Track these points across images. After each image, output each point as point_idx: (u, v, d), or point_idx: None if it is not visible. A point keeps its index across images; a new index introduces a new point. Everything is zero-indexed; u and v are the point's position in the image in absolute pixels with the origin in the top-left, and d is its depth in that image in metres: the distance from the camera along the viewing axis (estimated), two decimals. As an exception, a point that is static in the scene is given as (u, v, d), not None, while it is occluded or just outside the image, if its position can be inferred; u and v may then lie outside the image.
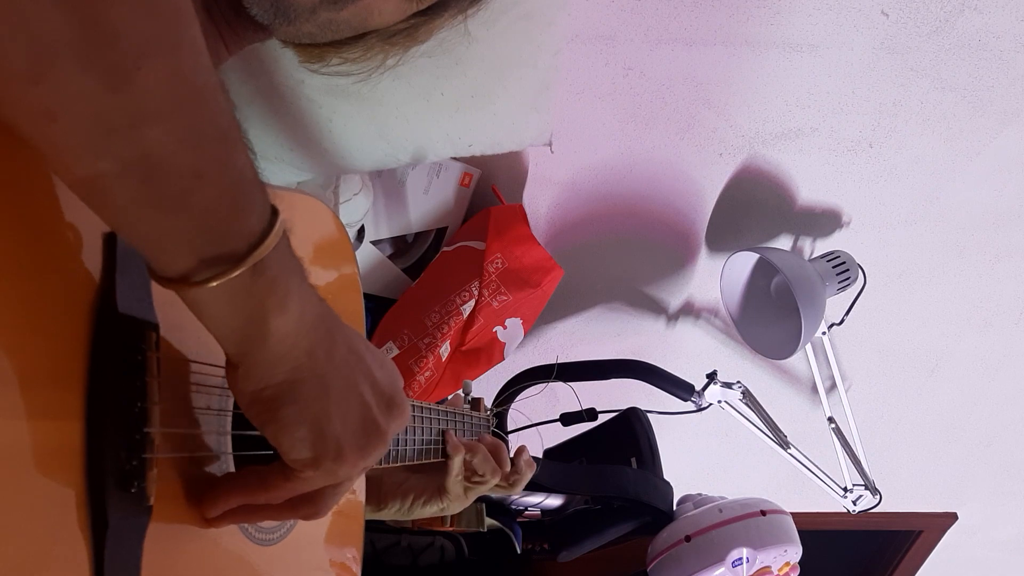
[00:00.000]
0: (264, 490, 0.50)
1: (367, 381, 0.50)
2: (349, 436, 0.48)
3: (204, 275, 0.39)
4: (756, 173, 1.56)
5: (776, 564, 1.27)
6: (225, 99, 0.38)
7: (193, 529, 0.50)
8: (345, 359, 0.49)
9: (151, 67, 0.33)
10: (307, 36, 0.74)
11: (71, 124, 0.33)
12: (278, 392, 0.45)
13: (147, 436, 0.44)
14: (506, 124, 1.20)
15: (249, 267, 0.40)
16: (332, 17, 0.69)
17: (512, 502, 1.30)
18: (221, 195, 0.38)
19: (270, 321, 0.43)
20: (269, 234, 0.41)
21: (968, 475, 2.21)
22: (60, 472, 0.39)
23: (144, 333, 0.45)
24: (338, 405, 0.48)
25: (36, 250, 0.39)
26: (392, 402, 0.52)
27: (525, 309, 1.41)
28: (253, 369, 0.45)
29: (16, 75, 0.31)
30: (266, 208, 0.41)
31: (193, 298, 0.41)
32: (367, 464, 0.51)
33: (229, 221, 0.39)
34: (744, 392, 1.39)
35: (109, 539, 0.41)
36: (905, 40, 1.41)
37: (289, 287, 0.43)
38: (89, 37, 0.32)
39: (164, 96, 0.34)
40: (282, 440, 0.47)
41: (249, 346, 0.44)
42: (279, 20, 0.67)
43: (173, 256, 0.39)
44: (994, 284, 1.79)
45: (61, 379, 0.40)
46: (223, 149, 0.38)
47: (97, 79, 0.32)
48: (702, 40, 1.37)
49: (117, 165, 0.35)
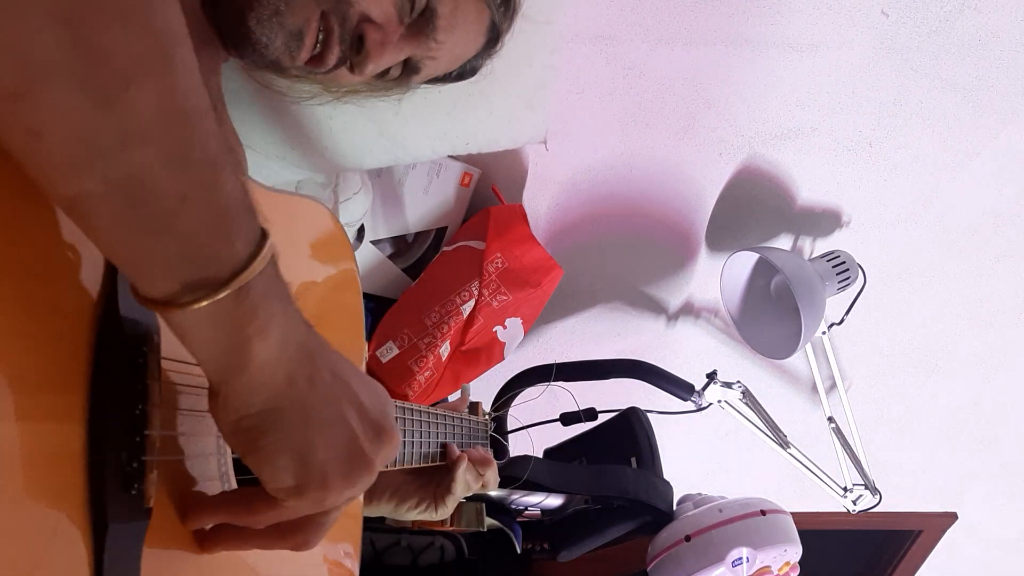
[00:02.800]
0: (249, 514, 0.49)
1: (353, 407, 0.49)
2: (334, 464, 0.47)
3: (186, 298, 0.39)
4: (756, 173, 1.56)
5: (776, 564, 1.26)
6: (215, 123, 0.38)
7: (192, 534, 0.50)
8: (329, 385, 0.48)
9: (140, 88, 0.33)
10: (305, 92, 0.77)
11: (56, 142, 0.33)
12: (257, 421, 0.45)
13: (148, 439, 0.44)
14: (503, 122, 1.20)
15: (232, 291, 0.39)
16: (312, 79, 0.74)
17: (512, 502, 1.30)
18: (206, 219, 0.38)
19: (251, 347, 0.42)
20: (255, 259, 0.40)
21: (968, 475, 2.21)
22: (61, 474, 0.39)
23: (146, 337, 0.45)
24: (322, 432, 0.47)
25: (39, 255, 0.39)
26: (380, 428, 0.50)
27: (525, 309, 1.41)
28: (231, 397, 0.44)
29: (2, 91, 0.31)
30: (254, 233, 0.41)
31: (176, 321, 0.40)
32: (355, 492, 0.49)
33: (213, 245, 0.39)
34: (744, 392, 1.39)
35: (109, 540, 0.41)
36: (905, 40, 1.41)
37: (272, 312, 0.43)
38: (79, 56, 0.31)
39: (152, 118, 0.34)
40: (264, 469, 0.46)
41: (228, 373, 0.43)
42: (269, 70, 0.70)
43: (155, 278, 0.39)
44: (994, 284, 1.79)
45: (63, 382, 0.40)
46: (210, 173, 0.37)
47: (85, 98, 0.32)
48: (702, 40, 1.37)
49: (101, 185, 0.34)
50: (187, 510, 0.49)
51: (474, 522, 1.08)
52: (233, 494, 0.51)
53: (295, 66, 0.77)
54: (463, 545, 1.47)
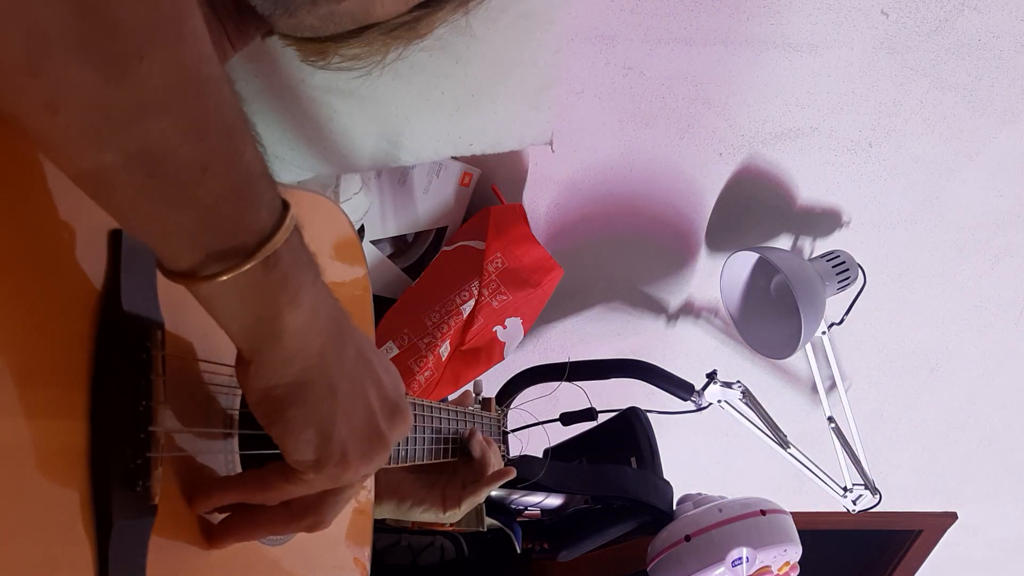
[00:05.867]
0: (262, 490, 0.49)
1: (374, 386, 0.50)
2: (354, 441, 0.48)
3: (213, 269, 0.39)
4: (756, 173, 1.56)
5: (776, 564, 1.26)
6: (231, 91, 0.37)
7: (199, 529, 0.50)
8: (355, 362, 0.48)
9: (153, 58, 0.33)
10: (308, 29, 0.74)
11: (72, 116, 0.32)
12: (287, 392, 0.45)
13: (152, 435, 0.44)
14: (506, 123, 1.19)
15: (260, 261, 0.39)
16: (333, 9, 0.68)
17: (512, 502, 1.30)
18: (228, 188, 0.37)
19: (283, 316, 0.42)
20: (280, 228, 0.40)
21: (968, 475, 2.21)
22: (64, 471, 0.39)
23: (149, 331, 0.45)
24: (344, 409, 0.47)
25: (40, 248, 0.39)
26: (396, 409, 0.51)
27: (525, 309, 1.41)
28: (264, 366, 0.44)
29: (16, 67, 0.31)
30: (276, 202, 0.41)
31: (204, 293, 0.40)
32: (370, 470, 0.50)
33: (237, 214, 0.38)
34: (744, 392, 1.39)
35: (114, 538, 0.40)
36: (905, 40, 1.41)
37: (302, 282, 0.43)
38: (89, 28, 0.31)
39: (166, 87, 0.34)
40: (287, 441, 0.46)
41: (262, 342, 0.43)
42: (279, 11, 0.67)
43: (180, 250, 0.39)
44: (994, 284, 1.79)
45: (65, 378, 0.40)
46: (229, 141, 0.37)
47: (97, 71, 0.32)
48: (702, 40, 1.37)
49: (120, 158, 0.34)
50: (196, 492, 0.49)
51: (474, 522, 1.08)
52: (243, 475, 0.51)
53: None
54: (463, 545, 1.47)
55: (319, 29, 0.75)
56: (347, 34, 0.78)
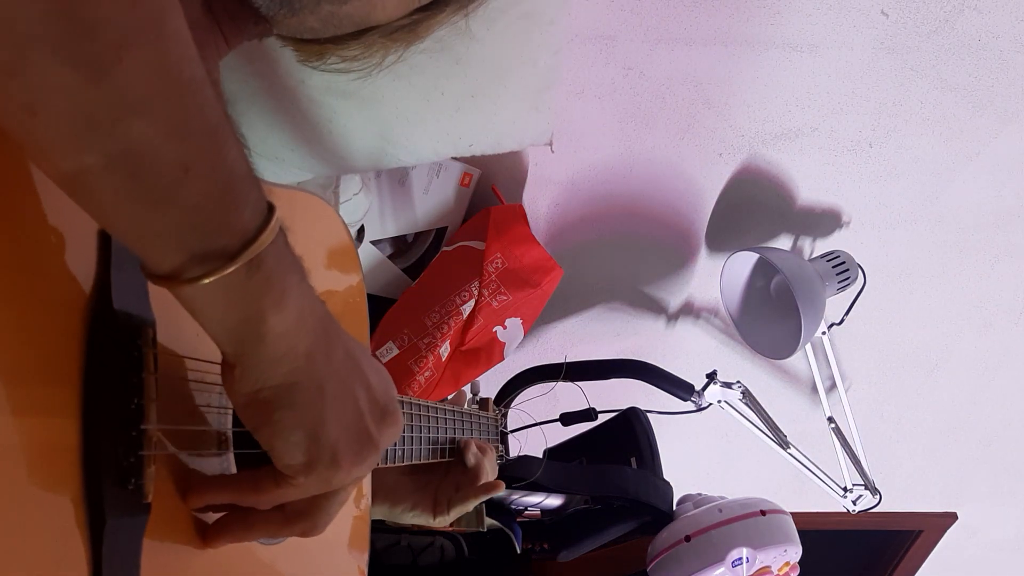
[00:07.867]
0: (254, 492, 0.49)
1: (363, 388, 0.49)
2: (344, 442, 0.48)
3: (196, 272, 0.38)
4: (756, 173, 1.56)
5: (776, 564, 1.26)
6: (213, 92, 0.37)
7: (194, 528, 0.50)
8: (343, 364, 0.48)
9: (132, 58, 0.32)
10: (309, 31, 0.74)
11: (52, 118, 0.32)
12: (274, 394, 0.45)
13: (144, 433, 0.44)
14: (507, 124, 1.19)
15: (243, 263, 0.39)
16: (335, 11, 0.68)
17: (512, 502, 1.30)
18: (211, 189, 0.37)
19: (267, 319, 0.42)
20: (264, 230, 0.40)
21: (968, 475, 2.21)
22: (56, 469, 0.39)
23: (140, 329, 0.45)
24: (334, 410, 0.47)
25: (30, 246, 0.39)
26: (386, 411, 0.51)
27: (525, 309, 1.41)
28: (250, 370, 0.44)
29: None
30: (261, 203, 0.40)
31: (187, 295, 0.40)
32: (361, 473, 0.50)
33: (220, 216, 0.38)
34: (744, 392, 1.39)
35: (107, 536, 0.40)
36: (905, 40, 1.41)
37: (287, 285, 0.42)
38: (67, 28, 0.31)
39: (147, 88, 0.33)
40: (276, 444, 0.46)
41: (246, 345, 0.43)
42: (283, 11, 0.67)
43: (163, 252, 0.38)
44: (994, 284, 1.79)
45: (56, 376, 0.40)
46: (212, 142, 0.37)
47: (77, 72, 0.31)
48: (702, 40, 1.37)
49: (101, 159, 0.34)
50: (190, 489, 0.49)
51: (474, 522, 1.08)
52: (238, 475, 0.51)
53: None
54: (463, 545, 1.47)
55: (319, 31, 0.75)
56: (346, 36, 0.78)
